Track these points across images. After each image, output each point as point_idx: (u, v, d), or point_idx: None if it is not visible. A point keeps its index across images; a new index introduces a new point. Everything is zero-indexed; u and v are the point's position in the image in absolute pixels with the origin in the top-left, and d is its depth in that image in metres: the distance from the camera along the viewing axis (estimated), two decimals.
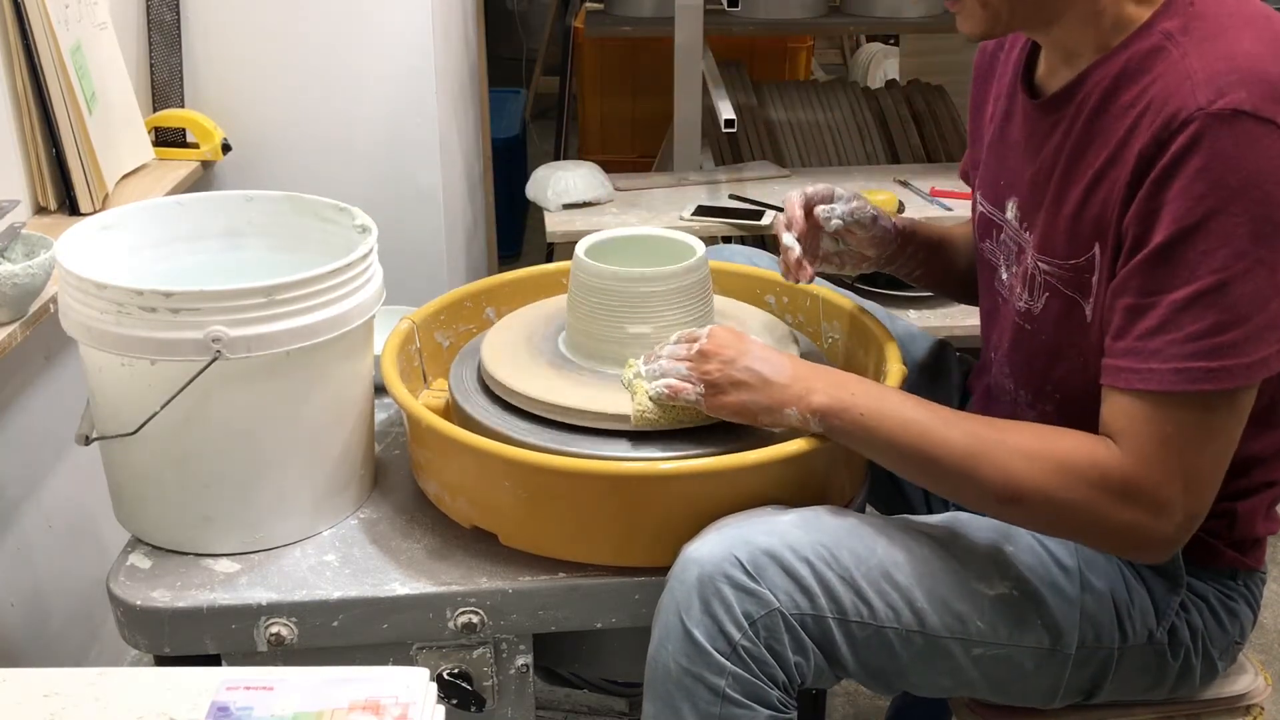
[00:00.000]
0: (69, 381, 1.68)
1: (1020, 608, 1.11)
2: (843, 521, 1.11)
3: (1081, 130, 1.08)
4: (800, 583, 1.06)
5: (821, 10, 2.90)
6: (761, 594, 1.05)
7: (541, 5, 4.60)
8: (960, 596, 1.10)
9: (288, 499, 1.20)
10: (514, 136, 3.35)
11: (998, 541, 1.13)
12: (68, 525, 1.71)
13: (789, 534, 1.07)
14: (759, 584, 1.05)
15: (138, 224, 1.28)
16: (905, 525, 1.14)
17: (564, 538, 1.16)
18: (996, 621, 1.10)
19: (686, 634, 1.04)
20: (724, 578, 1.04)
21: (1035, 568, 1.12)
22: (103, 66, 1.72)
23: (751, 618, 1.04)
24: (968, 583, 1.11)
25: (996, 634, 1.10)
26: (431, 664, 1.17)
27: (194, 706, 0.88)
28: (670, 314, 1.23)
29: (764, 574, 1.05)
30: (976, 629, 1.10)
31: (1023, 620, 1.11)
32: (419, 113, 2.09)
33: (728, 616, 1.04)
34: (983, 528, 1.15)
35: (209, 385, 1.10)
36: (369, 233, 1.23)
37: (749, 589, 1.04)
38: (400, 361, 1.29)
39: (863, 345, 1.35)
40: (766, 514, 1.11)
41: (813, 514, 1.11)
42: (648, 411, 1.16)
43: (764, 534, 1.07)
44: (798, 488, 1.17)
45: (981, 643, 1.11)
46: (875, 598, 1.08)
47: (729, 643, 1.04)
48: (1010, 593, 1.11)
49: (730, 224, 2.25)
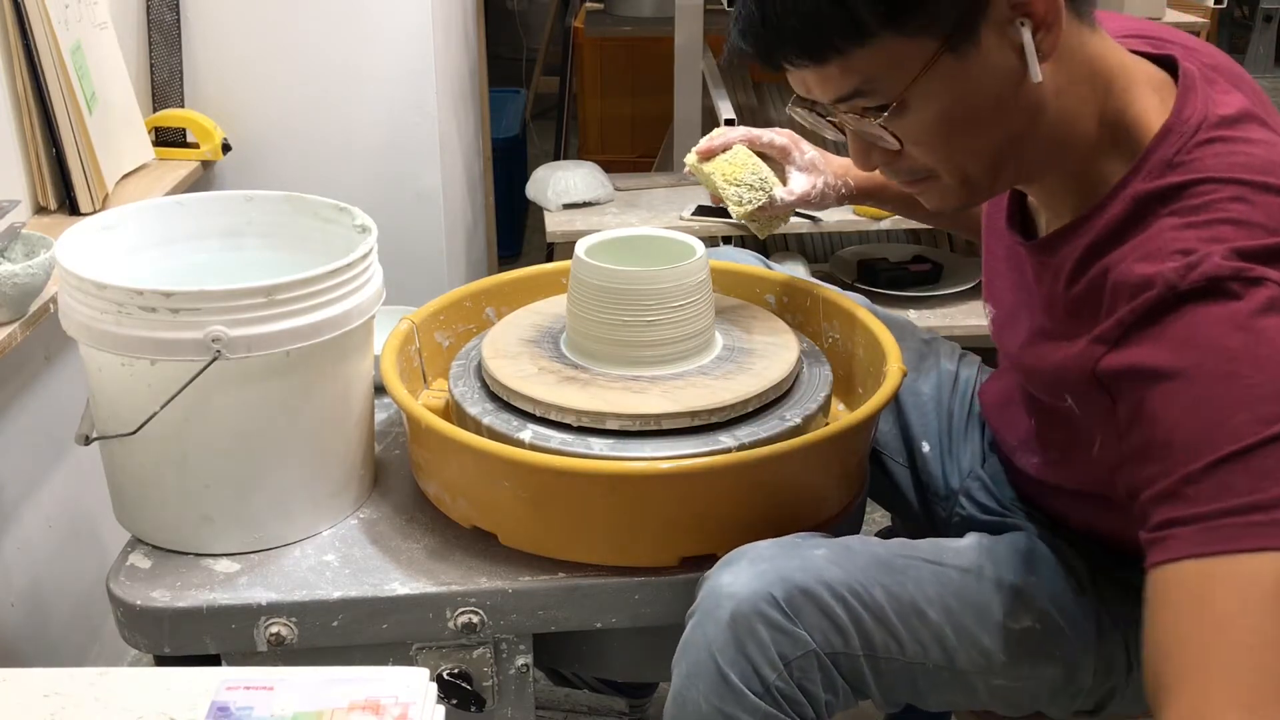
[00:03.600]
0: (69, 381, 1.68)
1: (1041, 642, 1.10)
2: (875, 555, 1.09)
3: (1061, 291, 0.99)
4: (835, 622, 1.04)
5: None
6: (798, 635, 1.03)
7: (541, 5, 4.59)
8: (987, 631, 1.09)
9: (288, 499, 1.20)
10: (514, 136, 3.35)
11: (1024, 570, 1.12)
12: (68, 525, 1.71)
13: (825, 570, 1.05)
14: (796, 625, 1.03)
15: (138, 224, 1.28)
16: (936, 554, 1.12)
17: (564, 538, 1.16)
18: (1018, 656, 1.10)
19: (720, 674, 1.02)
20: (759, 616, 1.02)
21: (1058, 597, 1.11)
22: (103, 66, 1.72)
23: (787, 659, 1.02)
24: (994, 616, 1.09)
25: (1018, 669, 1.10)
26: (431, 664, 1.17)
27: (194, 706, 0.88)
28: (670, 314, 1.23)
29: (801, 614, 1.03)
30: (1000, 663, 1.10)
31: (1041, 655, 1.10)
32: (419, 113, 2.09)
33: (763, 657, 1.02)
34: (1009, 554, 1.13)
35: (209, 385, 1.10)
36: (369, 233, 1.23)
37: (786, 630, 1.02)
38: (400, 361, 1.29)
39: (863, 345, 1.35)
40: (799, 545, 1.09)
41: (844, 547, 1.09)
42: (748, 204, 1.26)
43: (799, 570, 1.05)
44: (798, 487, 1.17)
45: (1002, 675, 1.10)
46: (906, 635, 1.07)
47: (763, 683, 1.02)
48: (1033, 626, 1.10)
49: (730, 224, 2.25)
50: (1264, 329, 0.82)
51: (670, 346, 1.24)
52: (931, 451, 1.35)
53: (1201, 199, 0.88)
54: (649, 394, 1.20)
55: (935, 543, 1.15)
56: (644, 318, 1.23)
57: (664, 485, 1.12)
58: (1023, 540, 1.15)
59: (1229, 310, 0.83)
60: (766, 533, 1.15)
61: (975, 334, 2.17)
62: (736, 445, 1.16)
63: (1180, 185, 0.90)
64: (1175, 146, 0.91)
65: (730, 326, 1.33)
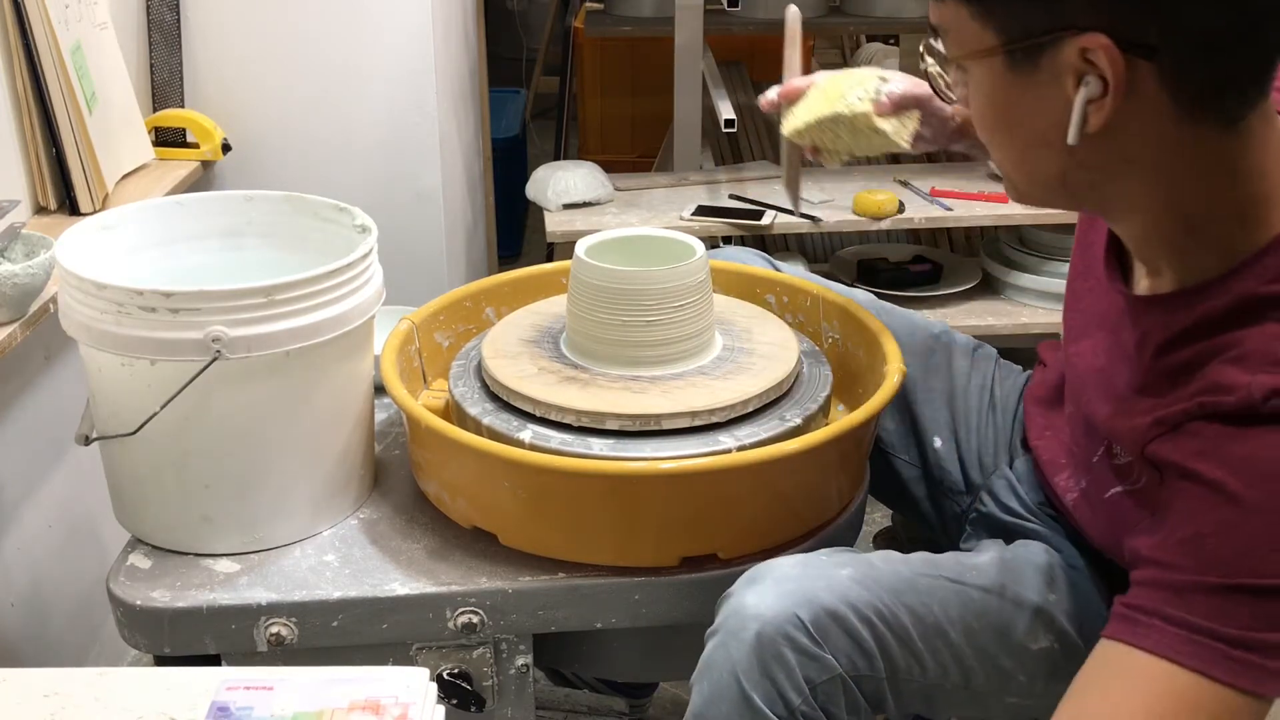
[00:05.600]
0: (69, 381, 1.68)
1: (1058, 662, 1.09)
2: (899, 575, 1.08)
3: (1148, 360, 0.95)
4: (862, 645, 1.03)
5: (821, 10, 2.90)
6: (824, 659, 1.01)
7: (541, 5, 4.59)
8: (1007, 653, 1.09)
9: (288, 499, 1.20)
10: (514, 136, 3.35)
11: (1043, 589, 1.11)
12: (68, 525, 1.71)
13: (850, 591, 1.04)
14: (823, 649, 1.01)
15: (138, 224, 1.28)
16: (958, 572, 1.11)
17: (564, 538, 1.16)
18: (1035, 676, 1.09)
19: (743, 696, 1.00)
20: (785, 640, 1.00)
21: (1076, 616, 1.10)
22: (103, 66, 1.72)
23: (813, 683, 1.01)
24: (1014, 637, 1.09)
25: (1034, 687, 1.10)
26: (431, 664, 1.17)
27: (194, 706, 0.88)
28: (670, 314, 1.23)
29: (828, 637, 1.01)
30: (1017, 684, 1.09)
31: (1058, 673, 1.09)
32: (419, 113, 2.09)
33: (788, 681, 1.00)
34: (1029, 573, 1.12)
35: (209, 385, 1.10)
36: (369, 233, 1.23)
37: (812, 654, 1.01)
38: (400, 362, 1.29)
39: (863, 345, 1.35)
40: (822, 562, 1.07)
41: (869, 566, 1.08)
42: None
43: (825, 590, 1.03)
44: (798, 488, 1.17)
45: (1018, 695, 1.10)
46: (928, 657, 1.06)
47: (788, 707, 1.00)
48: (1052, 646, 1.10)
49: (730, 224, 2.25)
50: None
51: (670, 346, 1.24)
52: (944, 446, 1.34)
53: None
54: (649, 394, 1.20)
55: (957, 559, 1.14)
56: (644, 318, 1.23)
57: (664, 485, 1.12)
58: (1043, 557, 1.14)
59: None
60: (767, 533, 1.16)
61: (975, 334, 2.16)
62: (736, 445, 1.16)
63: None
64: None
65: (730, 326, 1.33)
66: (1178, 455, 0.87)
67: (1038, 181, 0.94)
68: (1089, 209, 0.99)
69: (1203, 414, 0.86)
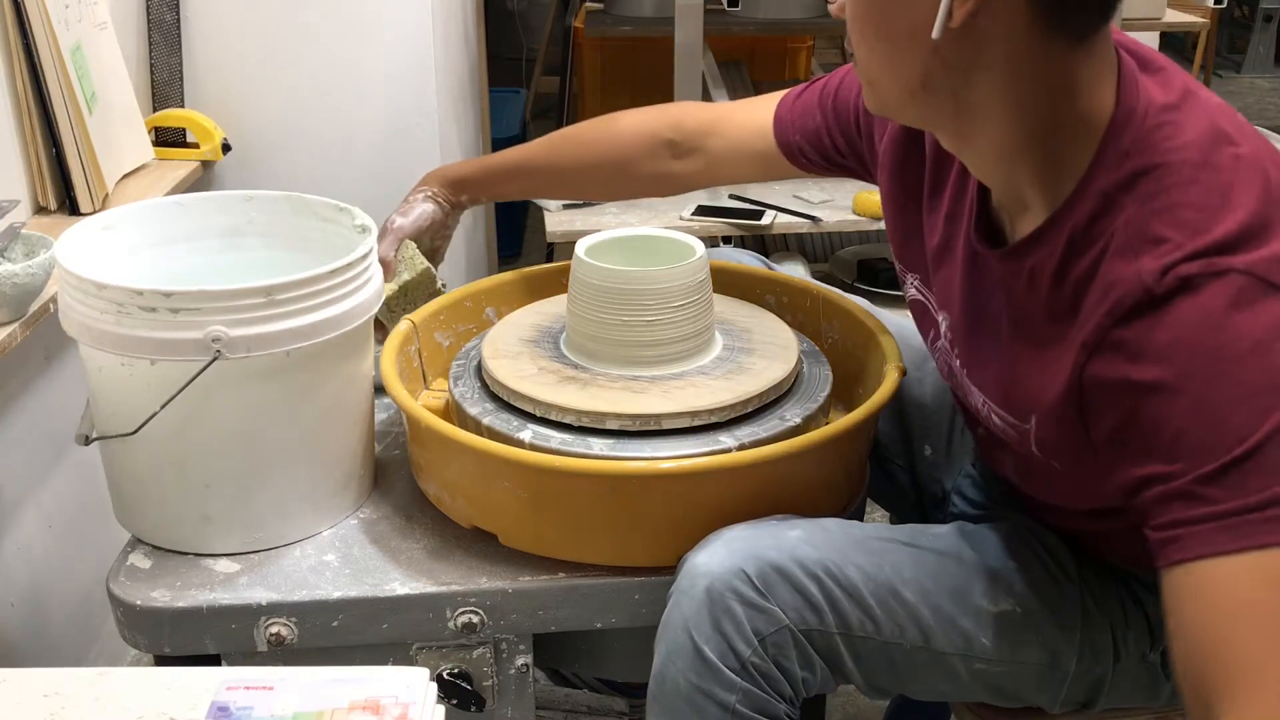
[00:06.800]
0: (69, 381, 1.68)
1: (1021, 626, 1.10)
2: (850, 535, 1.10)
3: (1043, 298, 0.99)
4: (809, 599, 1.05)
5: (821, 10, 2.90)
6: (771, 611, 1.04)
7: (541, 5, 4.59)
8: (965, 613, 1.09)
9: (288, 499, 1.20)
10: (514, 136, 3.35)
11: (1003, 554, 1.13)
12: (68, 525, 1.71)
13: (797, 549, 1.06)
14: (769, 600, 1.04)
15: (138, 224, 1.28)
16: (913, 538, 1.13)
17: (564, 538, 1.16)
18: (998, 639, 1.10)
19: (696, 650, 1.03)
20: (733, 593, 1.03)
21: (1039, 581, 1.11)
22: (103, 66, 1.72)
23: (761, 635, 1.04)
24: (973, 599, 1.10)
25: (999, 652, 1.10)
26: (431, 664, 1.17)
27: (194, 706, 0.88)
28: (670, 314, 1.23)
29: (773, 590, 1.04)
30: (980, 646, 1.10)
31: (1022, 639, 1.10)
32: (419, 113, 2.09)
33: (737, 634, 1.03)
34: (989, 539, 1.14)
35: (209, 385, 1.10)
36: (369, 233, 1.23)
37: (759, 605, 1.04)
38: (400, 362, 1.29)
39: (863, 345, 1.35)
40: (773, 525, 1.10)
41: (820, 528, 1.10)
42: None
43: (772, 548, 1.06)
44: (798, 487, 1.17)
45: (983, 659, 1.10)
46: (881, 614, 1.07)
47: (739, 659, 1.03)
48: (1013, 610, 1.10)
49: (730, 224, 2.26)
50: (1238, 325, 0.85)
51: (670, 346, 1.24)
52: (934, 455, 1.35)
53: (1158, 184, 0.90)
54: (649, 394, 1.20)
55: (914, 527, 1.16)
56: (644, 318, 1.23)
57: (664, 485, 1.12)
58: (1005, 526, 1.16)
59: (1203, 312, 0.86)
60: None
61: None
62: (736, 445, 1.16)
63: (1139, 172, 0.92)
64: (1129, 136, 0.93)
65: (730, 326, 1.33)
66: (1116, 371, 0.89)
67: (901, 81, 0.96)
68: (945, 126, 1.01)
69: (1114, 320, 0.89)
